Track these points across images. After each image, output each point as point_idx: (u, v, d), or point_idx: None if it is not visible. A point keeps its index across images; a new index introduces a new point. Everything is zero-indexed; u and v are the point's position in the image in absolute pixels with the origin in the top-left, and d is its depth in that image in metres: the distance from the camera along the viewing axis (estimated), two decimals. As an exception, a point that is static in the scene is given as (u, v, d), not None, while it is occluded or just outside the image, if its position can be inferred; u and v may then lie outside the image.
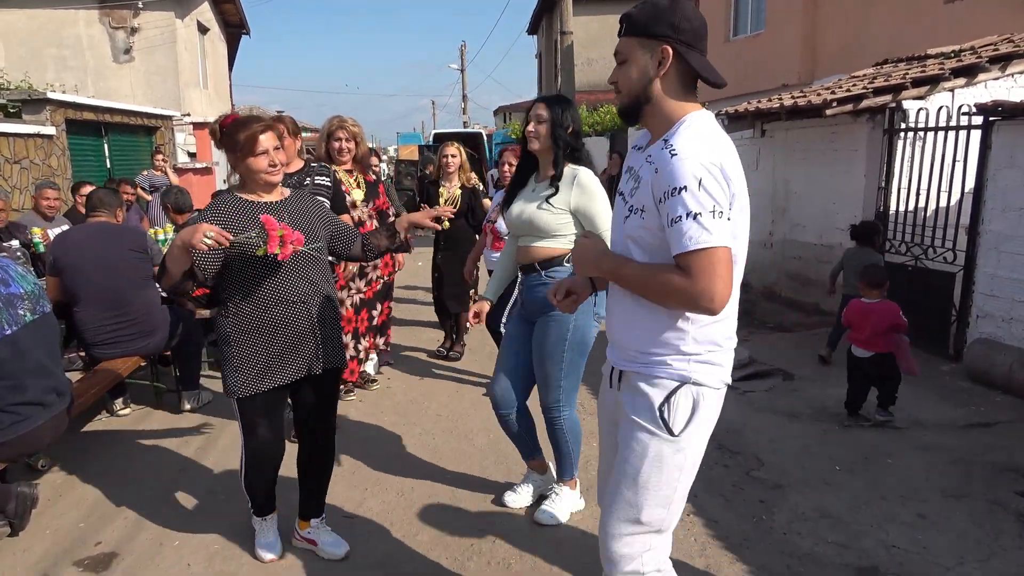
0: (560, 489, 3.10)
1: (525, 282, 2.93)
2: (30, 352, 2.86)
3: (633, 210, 1.70)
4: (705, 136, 1.61)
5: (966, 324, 5.07)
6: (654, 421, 1.72)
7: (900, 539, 2.87)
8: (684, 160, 1.56)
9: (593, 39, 23.49)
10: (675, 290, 1.58)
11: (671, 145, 1.60)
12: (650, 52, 1.65)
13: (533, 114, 2.80)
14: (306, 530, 2.84)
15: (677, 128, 1.64)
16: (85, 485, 3.48)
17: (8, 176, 8.20)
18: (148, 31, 15.32)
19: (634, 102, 1.71)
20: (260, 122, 2.46)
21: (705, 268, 1.53)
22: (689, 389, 1.71)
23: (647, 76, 1.67)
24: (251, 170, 2.47)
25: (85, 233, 4.15)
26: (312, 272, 2.59)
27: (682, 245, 1.55)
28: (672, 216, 1.56)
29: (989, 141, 4.85)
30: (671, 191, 1.56)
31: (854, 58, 9.37)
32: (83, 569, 2.79)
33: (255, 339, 2.50)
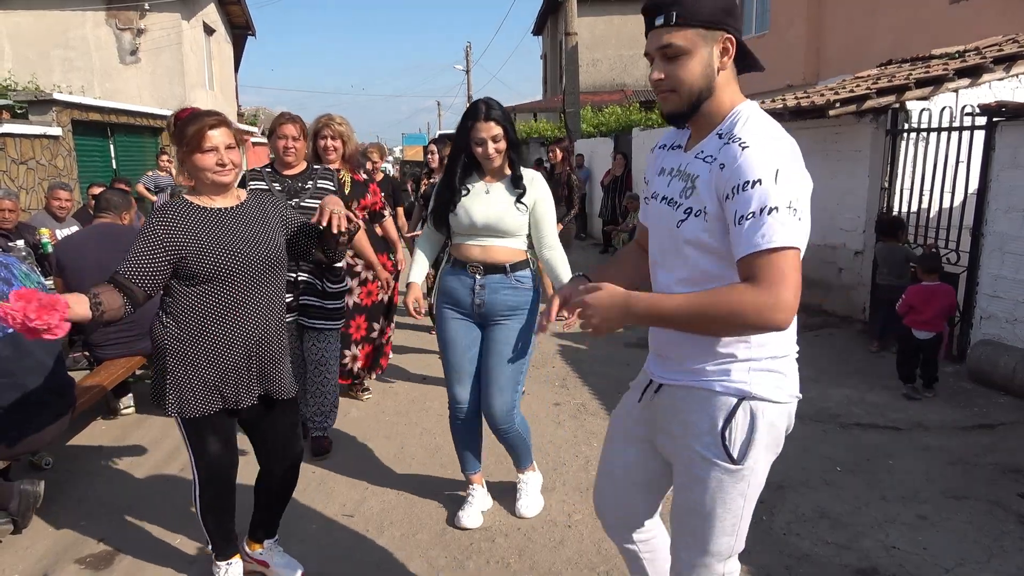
0: (526, 478, 3.15)
1: (486, 283, 2.79)
2: (32, 351, 2.88)
3: (692, 212, 1.52)
4: (771, 126, 1.47)
5: (969, 325, 5.05)
6: (713, 447, 1.54)
7: (900, 540, 2.86)
8: (758, 151, 1.40)
9: (598, 40, 23.52)
10: (744, 306, 1.35)
11: (737, 137, 1.45)
12: (713, 43, 1.48)
13: (484, 137, 2.65)
14: (257, 551, 2.68)
15: (733, 120, 1.50)
16: (87, 483, 3.50)
17: (15, 177, 8.26)
18: (154, 32, 15.40)
19: (695, 101, 1.51)
20: (213, 116, 2.23)
21: (777, 271, 1.34)
22: (748, 405, 1.53)
23: (712, 70, 1.49)
24: (196, 168, 2.22)
25: (87, 235, 4.17)
26: (266, 293, 2.37)
27: (753, 244, 1.36)
28: (742, 212, 1.38)
29: (993, 142, 4.84)
30: (743, 185, 1.38)
31: (858, 59, 9.36)
32: (85, 566, 2.81)
33: (199, 356, 2.27)
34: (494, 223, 2.75)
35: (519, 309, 2.83)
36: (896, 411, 4.27)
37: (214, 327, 2.27)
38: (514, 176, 2.78)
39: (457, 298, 2.86)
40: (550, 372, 5.17)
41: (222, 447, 2.42)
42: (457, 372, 2.92)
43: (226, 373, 2.32)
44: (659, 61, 1.52)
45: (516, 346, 2.81)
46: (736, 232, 1.40)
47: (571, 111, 15.71)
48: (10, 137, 8.20)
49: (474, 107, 2.69)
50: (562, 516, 3.12)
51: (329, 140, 3.85)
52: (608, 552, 2.81)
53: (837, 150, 6.64)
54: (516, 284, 2.80)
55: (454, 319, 2.89)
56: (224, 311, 2.27)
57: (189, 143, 2.19)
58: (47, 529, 3.07)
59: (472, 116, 2.67)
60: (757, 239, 1.35)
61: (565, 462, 3.67)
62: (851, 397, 4.51)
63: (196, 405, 2.30)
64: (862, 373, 5.00)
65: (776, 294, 1.34)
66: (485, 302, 2.80)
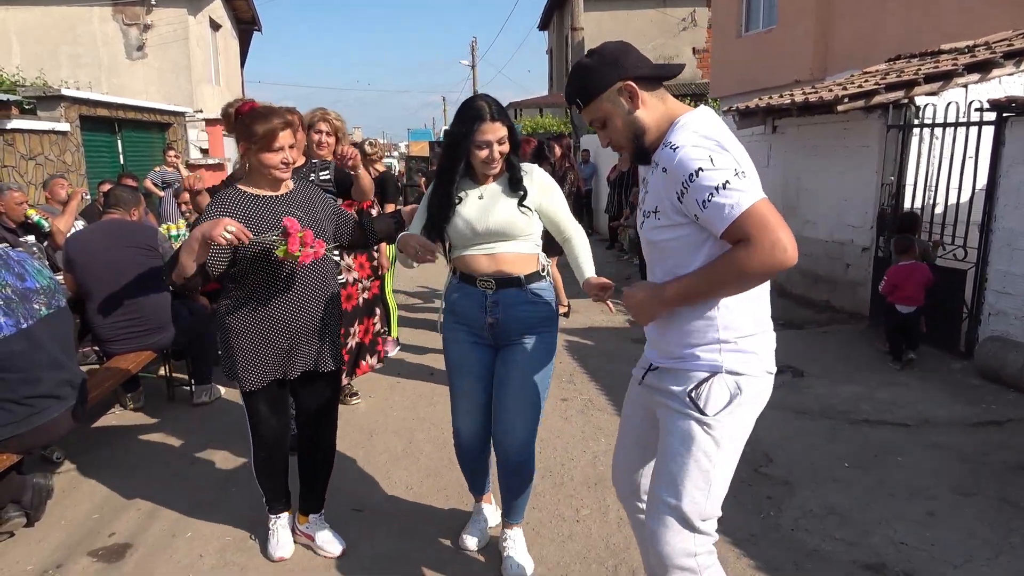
0: (515, 535, 2.74)
1: (499, 298, 2.45)
2: (45, 346, 2.90)
3: (647, 214, 1.78)
4: (697, 127, 1.68)
5: (978, 321, 5.04)
6: (683, 403, 1.76)
7: (908, 536, 2.87)
8: (687, 148, 1.62)
9: (604, 35, 23.39)
10: (747, 263, 1.56)
11: (670, 143, 1.67)
12: (616, 97, 1.75)
13: (491, 140, 2.34)
14: (304, 525, 2.87)
15: (673, 130, 1.72)
16: (99, 477, 3.53)
17: (24, 172, 8.30)
18: (161, 28, 15.42)
19: (637, 143, 1.78)
20: (280, 118, 2.41)
21: (760, 224, 1.54)
22: (723, 379, 1.73)
23: (630, 114, 1.75)
24: (264, 165, 2.42)
25: (96, 231, 4.20)
26: (317, 271, 2.58)
27: (727, 217, 1.55)
28: (702, 199, 1.58)
29: (1002, 137, 4.81)
30: (688, 178, 1.59)
31: (867, 54, 9.31)
32: (97, 559, 2.83)
33: (257, 334, 2.50)
34: (502, 227, 2.45)
35: (539, 327, 2.52)
36: (904, 408, 4.26)
37: (270, 306, 2.48)
38: (512, 178, 2.48)
39: (467, 316, 2.53)
40: (557, 368, 5.16)
41: (274, 415, 2.65)
42: (467, 401, 2.61)
43: (281, 348, 2.53)
44: (598, 132, 1.84)
45: (538, 369, 2.52)
46: (707, 215, 1.59)
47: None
48: (19, 133, 8.24)
49: (476, 107, 2.36)
50: (570, 511, 3.13)
51: (324, 135, 3.80)
52: (616, 547, 2.82)
53: (845, 146, 6.62)
54: (534, 299, 2.49)
55: (464, 341, 2.57)
56: (279, 291, 2.48)
57: (259, 141, 2.38)
58: (60, 522, 3.10)
59: (478, 117, 2.33)
60: (727, 212, 1.55)
61: (573, 457, 3.68)
62: (859, 394, 4.51)
63: (254, 378, 2.53)
64: (870, 369, 5.00)
65: (768, 241, 1.53)
66: (499, 320, 2.47)
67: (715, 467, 1.76)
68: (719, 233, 1.59)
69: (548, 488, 3.34)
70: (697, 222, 1.64)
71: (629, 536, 2.86)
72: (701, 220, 1.62)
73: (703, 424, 1.74)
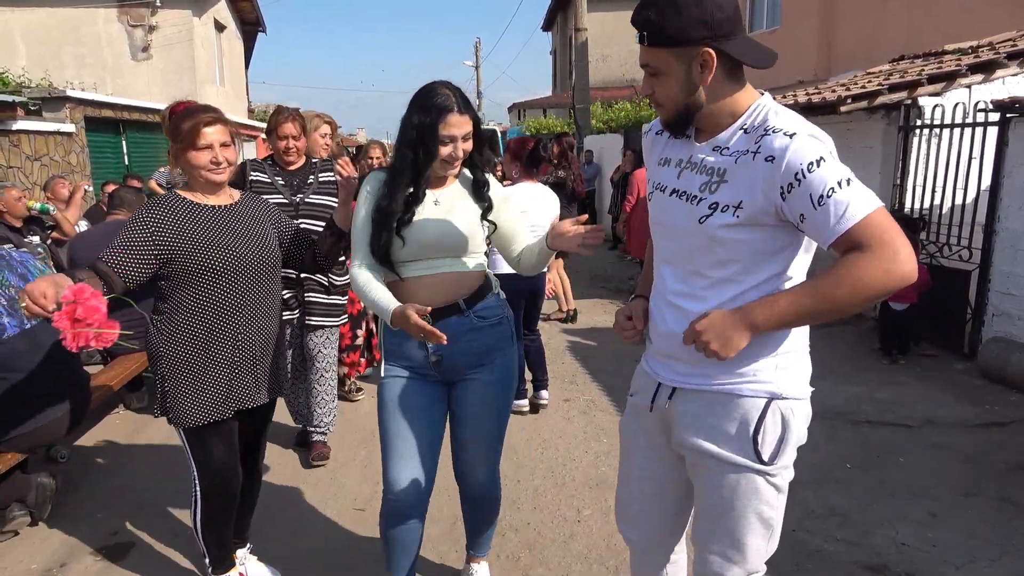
0: (480, 569, 2.56)
1: (445, 328, 1.97)
2: (48, 345, 2.92)
3: (720, 208, 1.46)
4: (797, 117, 1.45)
5: (981, 322, 5.03)
6: (743, 452, 1.50)
7: (910, 537, 2.86)
8: (805, 136, 1.38)
9: (608, 35, 23.45)
10: (868, 274, 1.30)
11: (776, 128, 1.40)
12: (689, 59, 1.43)
13: (456, 135, 1.99)
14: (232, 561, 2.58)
15: (760, 115, 1.46)
16: (102, 477, 3.55)
17: (29, 173, 8.34)
18: (165, 29, 15.48)
19: (683, 115, 1.50)
20: (207, 112, 2.16)
21: (881, 231, 1.31)
22: (778, 406, 1.50)
23: (692, 86, 1.45)
24: (191, 165, 2.15)
25: (101, 232, 4.23)
26: (262, 293, 2.30)
27: (847, 218, 1.31)
28: (820, 193, 1.33)
29: (1006, 138, 4.80)
30: (806, 168, 1.34)
31: (871, 54, 9.30)
32: (100, 558, 2.85)
33: (196, 361, 2.20)
34: (461, 240, 2.10)
35: (492, 352, 2.19)
36: (906, 408, 4.26)
37: (210, 329, 2.19)
38: (476, 180, 2.15)
39: (406, 355, 2.15)
40: (560, 368, 5.18)
41: (226, 455, 2.32)
42: (403, 443, 2.15)
43: (227, 377, 2.24)
44: (646, 76, 1.52)
45: (497, 402, 2.23)
46: (819, 215, 1.34)
47: (581, 107, 15.71)
48: (24, 134, 8.27)
49: (441, 94, 1.99)
50: (572, 511, 3.13)
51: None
52: (617, 547, 2.82)
53: (848, 147, 6.61)
54: (478, 323, 2.15)
55: (403, 376, 2.17)
56: (219, 312, 2.20)
57: (184, 139, 2.13)
58: (63, 521, 3.11)
59: (444, 107, 1.97)
60: (851, 212, 1.31)
61: (575, 457, 3.69)
62: (861, 394, 4.50)
63: (197, 414, 2.21)
64: (872, 370, 4.99)
65: (893, 250, 1.30)
66: (444, 357, 2.12)
67: (777, 513, 1.58)
68: (831, 238, 1.34)
69: (550, 488, 3.35)
70: (801, 224, 1.39)
71: (630, 536, 2.87)
72: (806, 222, 1.37)
73: (764, 475, 1.51)
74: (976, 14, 8.16)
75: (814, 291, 1.37)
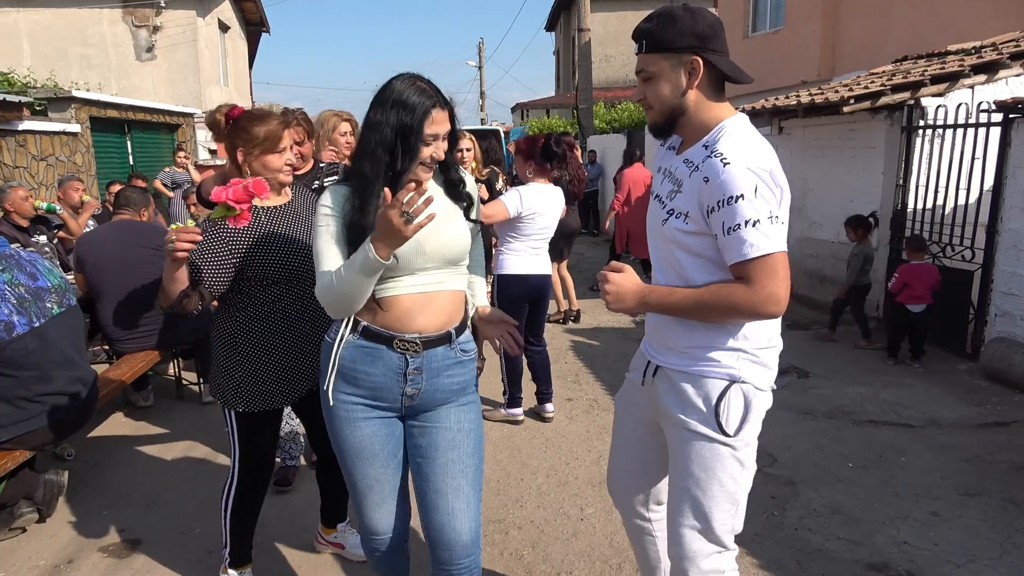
0: None
1: (423, 364, 1.83)
2: (57, 344, 2.94)
3: (674, 213, 1.67)
4: (750, 142, 1.60)
5: (984, 323, 5.04)
6: (707, 423, 1.68)
7: (912, 536, 2.88)
8: (737, 168, 1.53)
9: (611, 35, 23.46)
10: (739, 302, 1.56)
11: (719, 152, 1.57)
12: (679, 65, 1.62)
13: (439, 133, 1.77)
14: (332, 535, 2.85)
15: (718, 134, 1.62)
16: (109, 474, 3.57)
17: (35, 173, 8.38)
18: (170, 29, 15.52)
19: (669, 117, 1.68)
20: (278, 118, 2.30)
21: (768, 273, 1.53)
22: (739, 388, 1.67)
23: (680, 90, 1.64)
24: (268, 168, 2.27)
25: (107, 231, 4.25)
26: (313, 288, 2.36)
27: (742, 253, 1.53)
28: (730, 225, 1.53)
29: (1009, 138, 4.81)
30: (727, 200, 1.53)
31: (874, 54, 9.31)
32: (107, 555, 2.87)
33: (258, 351, 2.29)
34: (457, 248, 1.86)
35: (465, 389, 1.94)
36: (909, 408, 4.27)
37: (268, 321, 2.28)
38: (449, 179, 1.91)
39: (375, 388, 1.84)
40: (563, 367, 5.19)
41: (267, 442, 2.44)
42: (377, 492, 1.94)
43: (280, 367, 2.32)
44: (640, 82, 1.70)
45: (473, 436, 1.93)
46: (726, 241, 1.56)
47: (584, 107, 15.72)
48: (30, 134, 8.32)
49: (418, 88, 1.75)
50: (575, 509, 3.15)
51: (350, 135, 3.51)
52: (620, 545, 2.84)
53: (852, 147, 6.62)
54: (461, 357, 1.91)
55: (365, 417, 1.87)
56: (276, 305, 2.28)
57: (262, 144, 2.24)
58: (71, 518, 3.14)
59: (429, 103, 1.74)
60: (746, 249, 1.53)
61: (578, 456, 3.71)
62: (864, 394, 4.52)
63: (250, 399, 2.31)
64: (875, 370, 5.00)
65: (767, 291, 1.54)
66: (422, 391, 1.86)
67: (741, 487, 1.73)
68: (729, 263, 1.57)
69: (553, 487, 3.37)
70: (716, 240, 1.60)
71: (633, 534, 2.89)
72: (719, 240, 1.58)
73: (727, 446, 1.69)
74: (980, 15, 8.16)
75: (699, 300, 1.62)
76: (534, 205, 3.82)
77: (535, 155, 3.97)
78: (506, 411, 4.19)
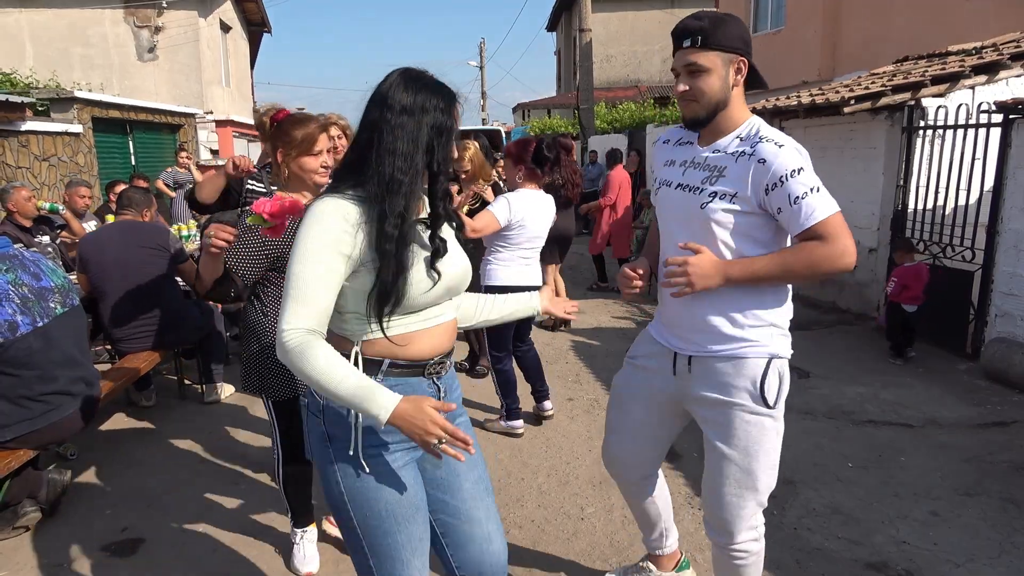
0: None
1: (448, 384, 1.73)
2: (60, 343, 2.96)
3: (717, 195, 1.84)
4: (784, 135, 1.84)
5: (984, 323, 5.04)
6: (756, 400, 1.88)
7: (911, 536, 2.89)
8: (790, 149, 1.77)
9: (612, 36, 23.46)
10: (820, 259, 1.75)
11: (769, 138, 1.80)
12: (729, 64, 1.83)
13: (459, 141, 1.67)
14: (334, 530, 2.88)
15: (754, 128, 1.86)
16: (112, 473, 3.59)
17: (37, 173, 8.41)
18: (172, 30, 15.55)
19: (713, 110, 1.86)
20: (316, 122, 2.43)
21: (839, 229, 1.74)
22: (776, 364, 1.88)
23: (728, 86, 1.85)
24: (304, 169, 2.40)
25: (109, 232, 4.26)
26: None
27: (814, 217, 1.73)
28: (796, 195, 1.74)
29: (1009, 139, 4.82)
30: (788, 174, 1.74)
31: (875, 55, 9.31)
32: (110, 553, 2.89)
33: None
34: (466, 274, 1.71)
35: (461, 404, 1.79)
36: (909, 408, 4.28)
37: None
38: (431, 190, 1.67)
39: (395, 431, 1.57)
40: (564, 368, 5.21)
41: (302, 425, 2.55)
42: (420, 554, 1.66)
43: None
44: (684, 76, 1.86)
45: (479, 450, 1.78)
46: (793, 211, 1.75)
47: (585, 107, 15.72)
48: (33, 134, 8.34)
49: (444, 85, 1.56)
50: (575, 509, 3.16)
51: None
52: (620, 544, 2.85)
53: (852, 147, 6.62)
54: (454, 382, 1.80)
55: (406, 464, 1.64)
56: None
57: (299, 146, 2.37)
58: (73, 517, 3.16)
59: (453, 101, 1.56)
60: (817, 212, 1.73)
61: (578, 456, 3.72)
62: (864, 394, 4.52)
63: (285, 388, 2.49)
64: (876, 370, 5.01)
65: (843, 244, 1.74)
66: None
67: (777, 450, 1.95)
68: (799, 228, 1.76)
69: (553, 487, 3.38)
70: (777, 215, 1.79)
71: (634, 534, 2.90)
72: (782, 215, 1.77)
73: (770, 417, 1.90)
74: (980, 15, 8.17)
75: (782, 262, 1.80)
76: (523, 213, 3.65)
77: (526, 159, 3.77)
78: (506, 423, 4.01)
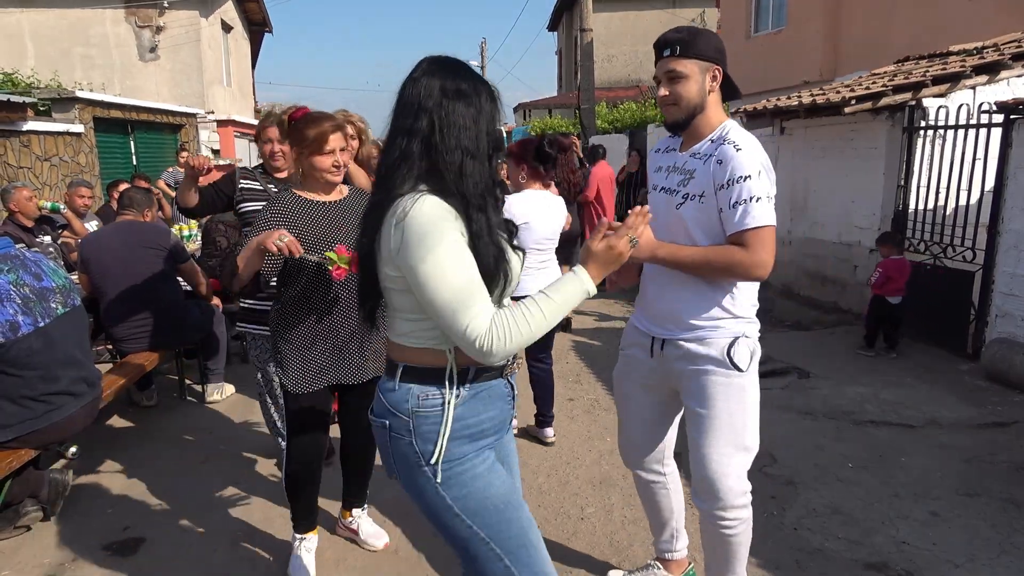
0: None
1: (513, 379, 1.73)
2: (62, 343, 2.96)
3: (689, 197, 2.01)
4: (751, 138, 1.98)
5: (985, 323, 5.04)
6: (723, 364, 2.04)
7: (911, 536, 2.89)
8: (748, 153, 1.91)
9: (613, 36, 23.45)
10: (736, 263, 1.91)
11: (731, 141, 1.95)
12: (705, 72, 1.98)
13: None
14: (348, 520, 2.92)
15: (724, 131, 2.00)
16: (113, 473, 3.60)
17: (39, 173, 8.41)
18: (173, 30, 15.56)
19: (691, 114, 2.01)
20: (330, 121, 2.43)
21: (763, 242, 1.89)
22: (744, 341, 2.06)
23: (704, 91, 2.00)
24: (315, 168, 2.43)
25: (110, 232, 4.27)
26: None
27: (744, 223, 1.89)
28: (735, 199, 1.89)
29: (1010, 139, 4.82)
30: (737, 178, 1.89)
31: (876, 55, 9.30)
32: (112, 553, 2.90)
33: (306, 338, 2.46)
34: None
35: None
36: (910, 408, 4.28)
37: (317, 313, 2.45)
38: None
39: (497, 426, 1.64)
40: (564, 368, 5.21)
41: (315, 421, 2.59)
42: (537, 530, 1.65)
43: (327, 354, 2.49)
44: (665, 82, 2.01)
45: None
46: (730, 213, 1.91)
47: (586, 107, 15.71)
48: (34, 134, 8.35)
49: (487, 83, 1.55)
50: (575, 509, 3.17)
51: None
52: (620, 544, 2.86)
53: (853, 147, 6.62)
54: None
55: (495, 463, 1.63)
56: (325, 298, 2.45)
57: (311, 145, 2.40)
58: (75, 517, 3.17)
59: (487, 84, 1.53)
60: (748, 220, 1.89)
61: (579, 456, 3.72)
62: (864, 394, 4.53)
63: (300, 381, 2.48)
64: (876, 371, 5.01)
65: (760, 257, 1.90)
66: None
67: (755, 410, 2.12)
68: (731, 230, 1.91)
69: (553, 486, 3.38)
70: (719, 213, 1.94)
71: (633, 534, 2.90)
72: (723, 214, 1.93)
73: (743, 378, 2.06)
74: (981, 15, 8.16)
75: (704, 256, 1.96)
76: (526, 214, 3.52)
77: (528, 158, 3.68)
78: (538, 430, 3.94)
